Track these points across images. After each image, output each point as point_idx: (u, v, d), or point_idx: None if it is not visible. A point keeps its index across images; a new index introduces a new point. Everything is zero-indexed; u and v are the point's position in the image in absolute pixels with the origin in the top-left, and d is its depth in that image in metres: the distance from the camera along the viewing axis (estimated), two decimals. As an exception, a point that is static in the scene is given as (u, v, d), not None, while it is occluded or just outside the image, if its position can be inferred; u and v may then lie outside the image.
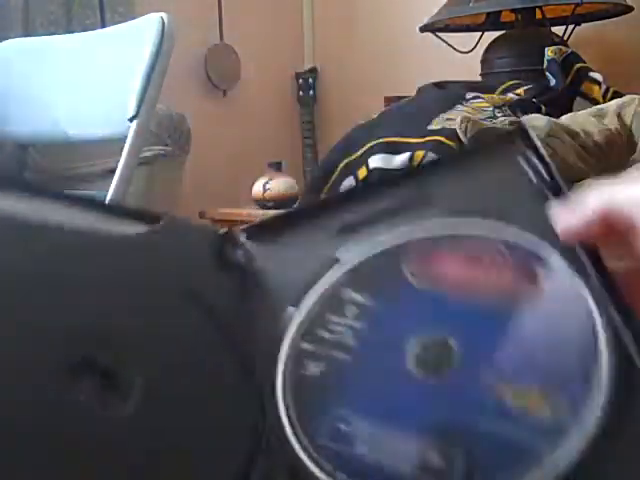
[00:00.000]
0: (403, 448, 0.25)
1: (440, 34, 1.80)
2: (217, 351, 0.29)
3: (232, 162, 2.33)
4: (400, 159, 1.05)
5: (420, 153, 1.03)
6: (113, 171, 1.14)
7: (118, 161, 1.13)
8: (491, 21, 1.79)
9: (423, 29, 1.80)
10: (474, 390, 0.26)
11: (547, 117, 1.08)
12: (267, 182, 1.94)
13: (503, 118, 1.13)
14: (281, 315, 0.30)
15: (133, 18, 1.25)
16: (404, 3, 2.29)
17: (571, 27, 1.73)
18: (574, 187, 0.93)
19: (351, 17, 2.46)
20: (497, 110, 1.19)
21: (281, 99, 2.54)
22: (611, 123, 1.10)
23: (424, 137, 1.06)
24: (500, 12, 1.76)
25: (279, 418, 0.28)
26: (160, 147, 1.64)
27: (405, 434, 0.26)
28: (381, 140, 1.09)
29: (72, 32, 1.48)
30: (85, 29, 1.74)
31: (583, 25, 1.78)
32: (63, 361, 0.24)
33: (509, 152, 0.31)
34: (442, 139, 1.03)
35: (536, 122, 1.04)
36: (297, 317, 0.30)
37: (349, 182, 1.11)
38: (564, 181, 0.29)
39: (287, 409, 0.28)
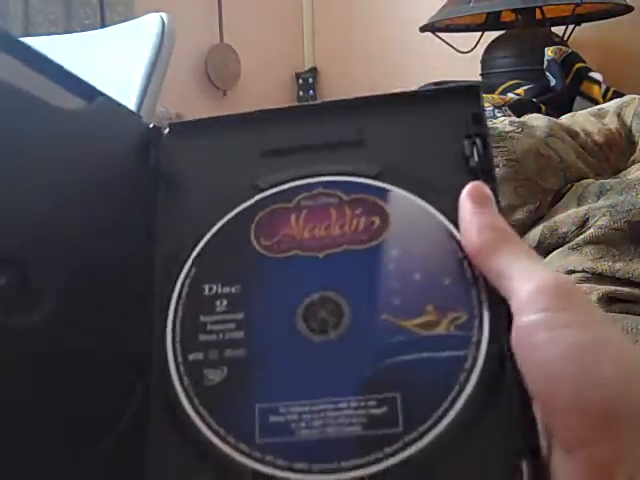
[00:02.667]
0: (341, 413, 0.25)
1: (440, 34, 1.80)
2: (123, 260, 0.27)
3: (232, 162, 2.33)
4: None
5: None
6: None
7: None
8: (491, 21, 1.79)
9: (423, 29, 1.80)
10: (378, 333, 0.26)
11: (547, 117, 1.08)
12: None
13: (503, 118, 1.13)
14: (189, 231, 0.29)
15: (133, 18, 1.25)
16: (404, 3, 2.29)
17: (571, 27, 1.73)
18: (574, 186, 0.93)
19: (351, 17, 2.46)
20: (497, 110, 1.19)
21: (281, 99, 2.54)
22: (611, 123, 1.10)
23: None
24: (500, 12, 1.76)
25: (165, 355, 0.27)
26: (160, 147, 1.64)
27: (335, 399, 0.25)
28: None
29: (72, 32, 1.48)
30: (85, 29, 1.74)
31: (583, 25, 1.78)
32: None
33: (456, 111, 0.30)
34: (442, 139, 1.03)
35: (536, 122, 1.04)
36: (203, 241, 0.29)
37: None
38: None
39: (176, 362, 0.27)
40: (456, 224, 0.27)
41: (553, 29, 1.74)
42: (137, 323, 0.27)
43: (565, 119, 1.12)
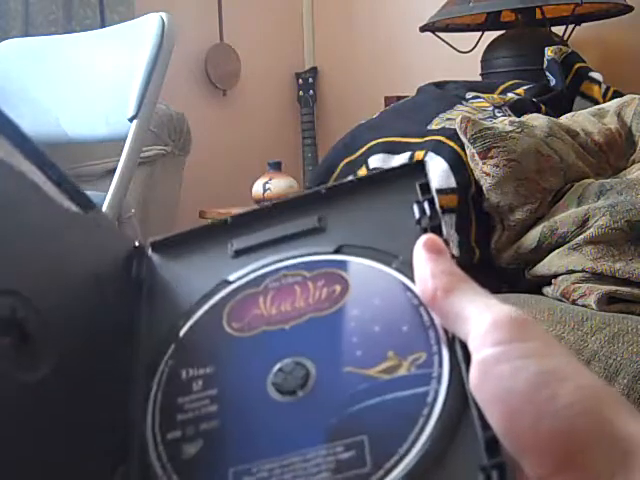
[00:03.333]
0: (310, 463, 0.26)
1: (440, 34, 1.80)
2: (113, 347, 0.30)
3: (232, 162, 2.33)
4: (400, 159, 1.05)
5: (420, 153, 1.03)
6: (113, 171, 1.14)
7: (118, 161, 1.13)
8: (491, 21, 1.79)
9: (423, 29, 1.80)
10: (342, 384, 0.27)
11: (547, 117, 1.08)
12: (267, 182, 1.94)
13: (503, 118, 1.13)
14: (168, 330, 0.31)
15: (133, 18, 1.25)
16: (404, 3, 2.29)
17: (571, 27, 1.73)
18: (574, 186, 0.93)
19: (351, 17, 2.47)
20: (497, 110, 1.19)
21: (281, 99, 2.54)
22: (611, 123, 1.10)
23: (424, 137, 1.06)
24: (500, 12, 1.76)
25: (144, 437, 0.28)
26: (160, 147, 1.64)
27: (304, 450, 0.26)
28: (381, 140, 1.10)
29: (72, 32, 1.48)
30: (85, 29, 1.74)
31: (583, 25, 1.78)
32: None
33: (404, 186, 0.33)
34: (442, 139, 1.03)
35: (536, 122, 1.04)
36: (180, 335, 0.31)
37: (349, 182, 1.11)
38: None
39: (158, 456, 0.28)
40: (411, 278, 0.29)
41: (553, 29, 1.74)
42: (121, 410, 0.29)
43: (565, 119, 1.12)
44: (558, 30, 1.74)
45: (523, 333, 0.24)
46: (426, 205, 0.31)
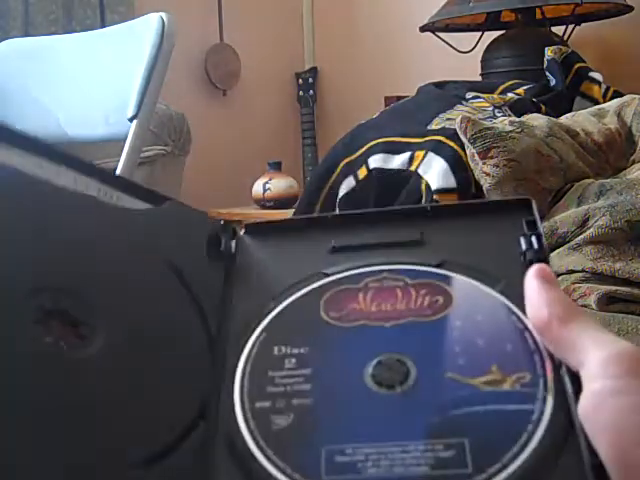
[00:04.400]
0: (408, 455, 0.26)
1: (440, 34, 1.81)
2: (187, 322, 0.31)
3: (232, 162, 2.33)
4: (400, 159, 1.05)
5: (420, 153, 1.03)
6: (113, 171, 1.14)
7: (118, 161, 1.13)
8: (491, 21, 1.79)
9: (423, 29, 1.80)
10: (443, 388, 0.28)
11: (547, 117, 1.08)
12: (267, 182, 1.94)
13: (503, 118, 1.13)
14: (259, 307, 0.32)
15: (133, 18, 1.25)
16: (404, 3, 2.29)
17: (571, 27, 1.73)
18: (574, 186, 0.93)
19: (351, 17, 2.47)
20: (497, 110, 1.19)
21: (281, 99, 2.54)
22: (611, 123, 1.10)
23: (424, 137, 1.06)
24: (500, 12, 1.76)
25: (232, 402, 0.29)
26: (160, 147, 1.64)
27: (402, 442, 0.26)
28: (381, 140, 1.10)
29: (72, 32, 1.48)
30: (85, 29, 1.74)
31: (583, 25, 1.78)
32: (37, 310, 0.26)
33: (509, 218, 0.34)
34: (442, 139, 1.03)
35: (536, 122, 1.04)
36: (273, 313, 0.32)
37: (349, 182, 1.11)
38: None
39: (246, 421, 0.28)
40: (515, 303, 0.30)
41: (553, 29, 1.74)
42: (200, 374, 0.30)
43: (565, 119, 1.12)
44: (558, 30, 1.74)
45: (637, 369, 0.24)
46: (534, 239, 0.32)
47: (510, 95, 1.28)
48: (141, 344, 0.29)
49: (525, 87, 1.31)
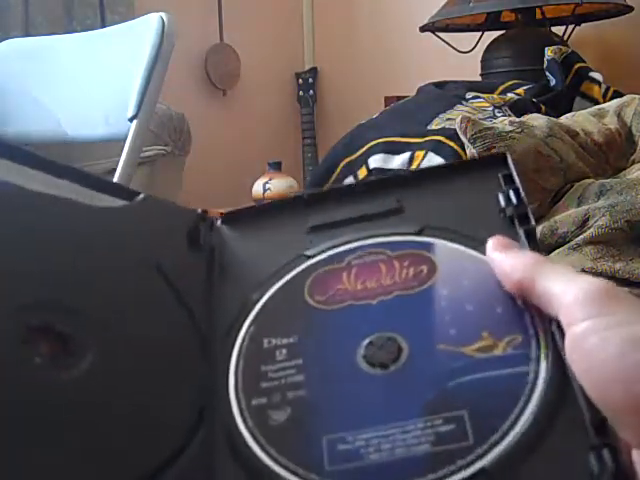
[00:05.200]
0: (409, 435, 0.26)
1: (440, 34, 1.80)
2: (176, 325, 0.30)
3: (232, 162, 2.33)
4: (400, 159, 1.05)
5: (420, 153, 1.03)
6: (113, 171, 1.14)
7: (118, 161, 1.13)
8: (491, 21, 1.79)
9: (423, 29, 1.80)
10: (437, 360, 0.27)
11: (547, 117, 1.08)
12: (267, 182, 1.94)
13: (503, 118, 1.13)
14: (244, 300, 0.31)
15: (133, 18, 1.25)
16: (404, 3, 2.29)
17: (571, 27, 1.73)
18: (574, 186, 0.93)
19: (351, 17, 2.47)
20: (497, 110, 1.19)
21: (281, 99, 2.54)
22: (611, 123, 1.10)
23: (424, 137, 1.06)
24: (500, 12, 1.76)
25: (229, 402, 0.28)
26: (160, 147, 1.64)
27: (402, 423, 0.26)
28: (381, 140, 1.10)
29: (72, 32, 1.48)
30: (85, 29, 1.74)
31: (583, 25, 1.78)
32: (22, 328, 0.24)
33: (486, 175, 0.33)
34: (442, 139, 1.03)
35: (536, 122, 1.04)
36: (258, 304, 0.31)
37: (349, 182, 1.11)
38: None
39: (240, 411, 0.28)
40: None
41: (553, 29, 1.74)
42: (195, 377, 0.29)
43: (565, 119, 1.12)
44: (558, 30, 1.74)
45: (609, 304, 0.24)
46: (512, 194, 0.31)
47: (510, 95, 1.28)
48: (133, 353, 0.28)
49: (525, 87, 1.31)
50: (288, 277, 0.32)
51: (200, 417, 0.28)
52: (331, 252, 0.32)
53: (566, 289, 0.25)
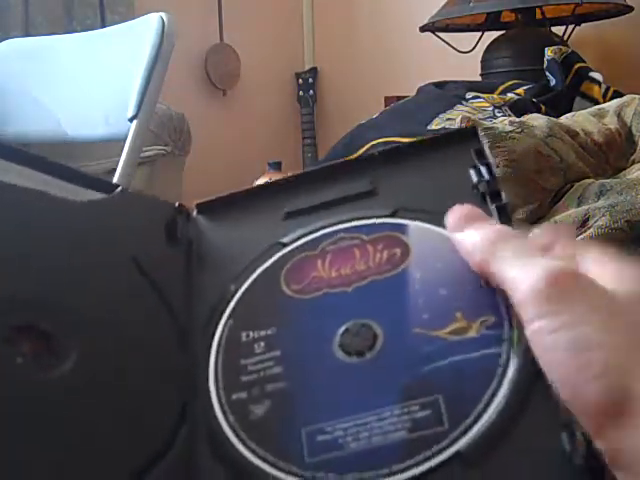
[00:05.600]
0: (385, 422, 0.26)
1: (440, 34, 1.80)
2: (156, 320, 0.30)
3: (232, 162, 2.33)
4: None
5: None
6: (113, 171, 1.14)
7: (118, 161, 1.13)
8: (491, 21, 1.79)
9: (423, 29, 1.80)
10: (412, 346, 0.27)
11: (547, 117, 1.08)
12: (267, 182, 1.94)
13: (503, 118, 1.13)
14: (222, 291, 0.31)
15: (133, 18, 1.25)
16: (404, 3, 2.29)
17: (571, 27, 1.73)
18: (574, 186, 0.93)
19: (351, 17, 2.47)
20: (497, 110, 1.19)
21: (281, 99, 2.54)
22: (611, 123, 1.10)
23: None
24: (500, 12, 1.76)
25: (209, 398, 0.28)
26: (160, 147, 1.64)
27: (378, 410, 0.26)
28: (381, 140, 1.09)
29: (72, 32, 1.48)
30: (85, 29, 1.74)
31: (583, 25, 1.78)
32: (3, 327, 0.24)
33: (458, 151, 0.32)
34: (442, 139, 1.03)
35: (536, 122, 1.04)
36: (236, 297, 0.31)
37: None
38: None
39: (219, 397, 0.28)
40: None
41: (553, 29, 1.74)
42: (176, 373, 0.29)
43: (565, 119, 1.12)
44: (558, 30, 1.74)
45: (558, 301, 0.23)
46: (483, 170, 0.31)
47: (510, 95, 1.28)
48: (114, 351, 0.27)
49: (525, 87, 1.31)
50: (264, 267, 0.32)
51: (183, 414, 0.28)
52: (306, 239, 0.32)
53: (518, 277, 0.25)
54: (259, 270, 0.32)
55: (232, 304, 0.31)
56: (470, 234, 0.28)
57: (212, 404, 0.28)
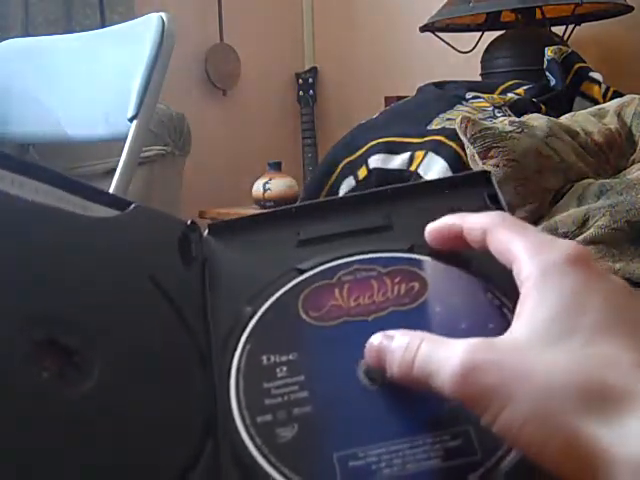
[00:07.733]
0: (418, 450, 0.26)
1: (440, 34, 1.80)
2: (175, 337, 0.30)
3: (232, 162, 2.33)
4: (400, 159, 1.05)
5: (420, 153, 1.03)
6: (113, 171, 1.14)
7: (118, 161, 1.13)
8: (491, 21, 1.79)
9: (423, 29, 1.80)
10: None
11: (547, 117, 1.08)
12: (267, 182, 1.94)
13: (503, 118, 1.13)
14: (237, 313, 0.32)
15: (133, 18, 1.25)
16: (404, 3, 2.29)
17: (571, 27, 1.73)
18: (574, 186, 0.93)
19: (351, 17, 2.46)
20: (497, 110, 1.19)
21: (281, 99, 2.54)
22: (611, 123, 1.10)
23: (424, 137, 1.06)
24: (500, 12, 1.75)
25: (232, 419, 0.28)
26: (160, 147, 1.64)
27: (409, 438, 0.26)
28: (381, 140, 1.09)
29: (72, 32, 1.48)
30: (85, 29, 1.74)
31: (583, 25, 1.78)
32: (27, 343, 0.24)
33: (471, 194, 0.34)
34: (442, 139, 1.03)
35: (536, 122, 1.04)
36: (253, 320, 0.31)
37: (349, 182, 1.11)
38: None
39: (240, 412, 0.28)
40: (488, 280, 0.30)
41: (553, 29, 1.74)
42: (198, 389, 0.29)
43: (565, 119, 1.12)
44: (558, 30, 1.74)
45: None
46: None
47: (510, 95, 1.28)
48: (137, 369, 0.27)
49: (525, 87, 1.31)
50: (281, 292, 0.32)
51: (206, 432, 0.28)
52: (322, 267, 0.33)
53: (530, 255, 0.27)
54: (276, 295, 0.32)
55: (250, 327, 0.31)
56: (458, 219, 0.30)
57: (236, 426, 0.28)
